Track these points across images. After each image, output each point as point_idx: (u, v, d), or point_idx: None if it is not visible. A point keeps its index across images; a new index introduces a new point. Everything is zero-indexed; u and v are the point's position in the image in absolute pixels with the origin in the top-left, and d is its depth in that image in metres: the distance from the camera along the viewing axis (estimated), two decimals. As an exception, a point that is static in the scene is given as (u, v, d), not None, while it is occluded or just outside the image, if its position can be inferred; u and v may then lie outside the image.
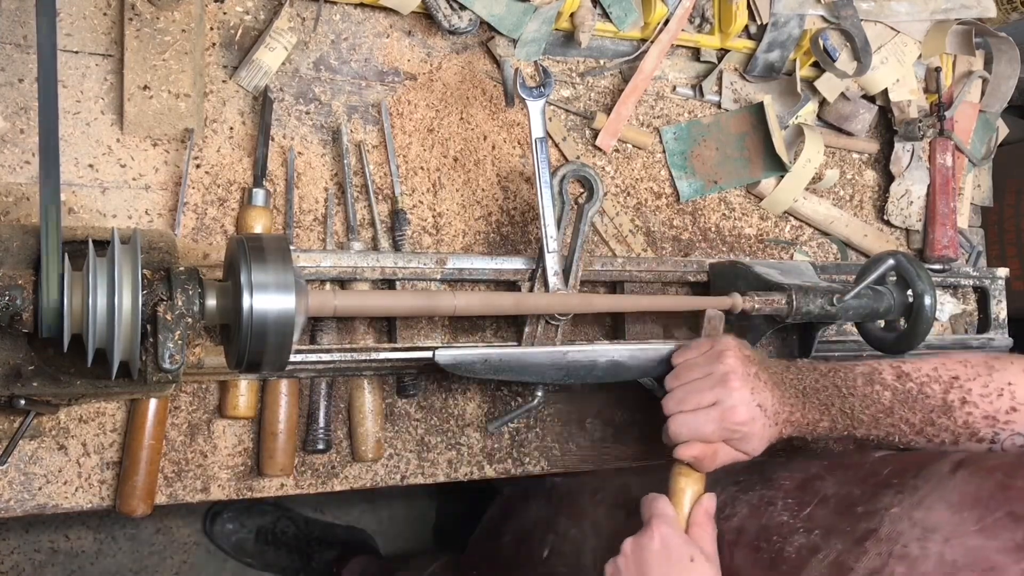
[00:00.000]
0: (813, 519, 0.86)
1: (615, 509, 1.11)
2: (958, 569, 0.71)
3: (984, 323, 1.39)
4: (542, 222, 1.01)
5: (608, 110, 1.22)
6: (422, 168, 1.14)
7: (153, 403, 0.98)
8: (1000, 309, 1.38)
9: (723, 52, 1.27)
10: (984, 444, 0.92)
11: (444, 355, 0.96)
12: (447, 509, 2.15)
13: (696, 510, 0.91)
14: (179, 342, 0.77)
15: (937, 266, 1.35)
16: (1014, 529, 0.71)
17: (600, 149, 1.23)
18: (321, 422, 1.06)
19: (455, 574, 1.61)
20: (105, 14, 1.00)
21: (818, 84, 1.29)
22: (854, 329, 1.18)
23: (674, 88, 1.28)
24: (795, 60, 1.27)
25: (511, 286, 1.10)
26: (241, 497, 1.04)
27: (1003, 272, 1.38)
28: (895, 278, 1.09)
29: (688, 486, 0.93)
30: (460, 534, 1.88)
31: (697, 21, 1.24)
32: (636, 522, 0.90)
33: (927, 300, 1.05)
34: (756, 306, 1.03)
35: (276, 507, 2.01)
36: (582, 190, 1.07)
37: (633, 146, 1.25)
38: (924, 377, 0.95)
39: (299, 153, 1.08)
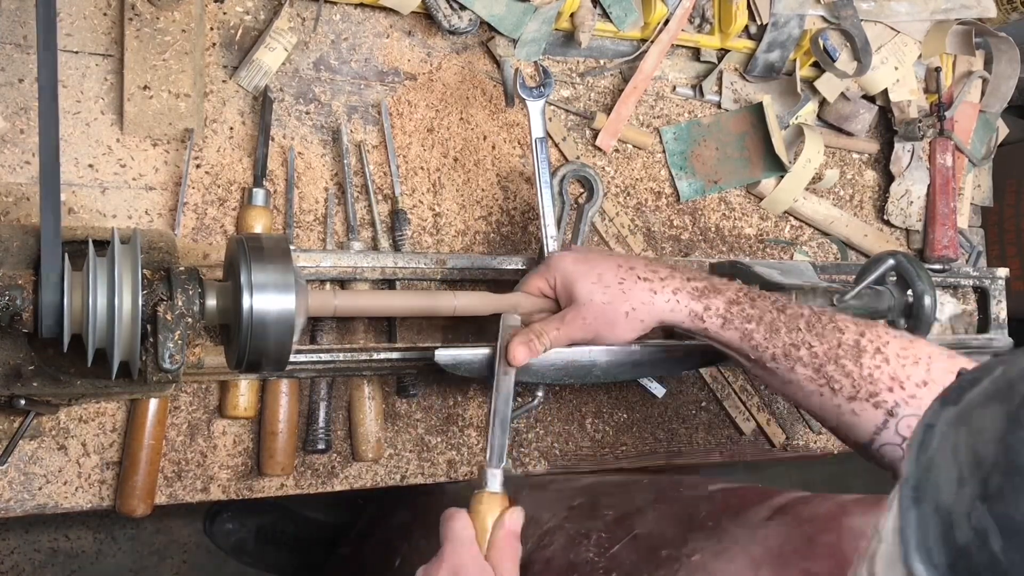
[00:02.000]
0: (616, 559, 0.80)
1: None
2: None
3: (984, 323, 1.39)
4: (542, 222, 1.01)
5: (608, 110, 1.22)
6: (422, 168, 1.14)
7: (153, 403, 0.98)
8: (1000, 309, 1.38)
9: (723, 52, 1.27)
10: (879, 416, 0.82)
11: (444, 355, 0.96)
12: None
13: (496, 530, 0.80)
14: (179, 342, 0.77)
15: (937, 266, 1.35)
16: None
17: (600, 149, 1.23)
18: (321, 422, 1.06)
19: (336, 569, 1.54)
20: (105, 14, 1.00)
21: (818, 84, 1.29)
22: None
23: (674, 88, 1.28)
24: (795, 60, 1.27)
25: (511, 286, 1.10)
26: (241, 497, 1.04)
27: (1003, 272, 1.38)
28: (895, 278, 1.09)
29: (490, 500, 0.83)
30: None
31: (697, 21, 1.24)
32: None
33: (927, 300, 1.05)
34: (756, 306, 1.03)
35: (276, 507, 2.01)
36: (582, 190, 1.07)
37: (633, 146, 1.25)
38: (846, 318, 0.87)
39: (299, 153, 1.08)
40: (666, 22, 1.20)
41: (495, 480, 0.84)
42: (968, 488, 0.38)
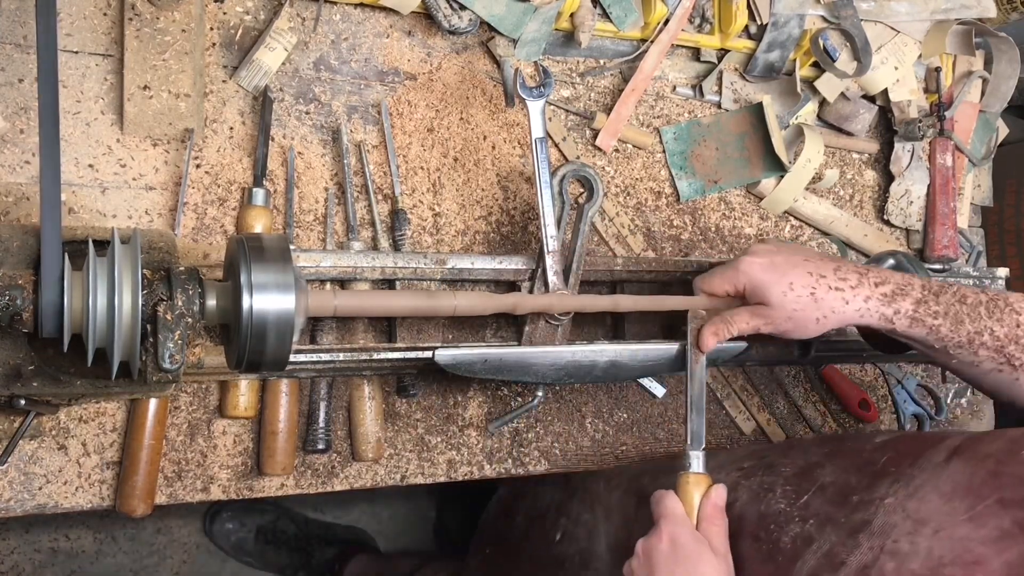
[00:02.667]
0: (809, 507, 0.86)
1: (627, 495, 1.10)
2: (943, 565, 0.71)
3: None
4: (542, 222, 1.01)
5: (608, 110, 1.22)
6: (422, 168, 1.14)
7: (153, 403, 0.98)
8: (1000, 309, 1.38)
9: (723, 52, 1.27)
10: None
11: (444, 355, 0.96)
12: (447, 508, 2.15)
13: (704, 504, 0.90)
14: (179, 342, 0.77)
15: (937, 266, 1.34)
16: (1001, 516, 0.71)
17: (600, 149, 1.23)
18: (321, 422, 1.06)
19: (455, 564, 1.60)
20: (105, 14, 1.00)
21: (818, 84, 1.29)
22: (854, 329, 1.18)
23: (674, 88, 1.28)
24: (795, 60, 1.27)
25: (511, 286, 1.10)
26: (241, 497, 1.05)
27: (1003, 272, 1.38)
28: (895, 278, 1.09)
29: (696, 480, 0.92)
30: (461, 534, 1.88)
31: (697, 21, 1.24)
32: (646, 511, 0.90)
33: (927, 300, 1.05)
34: (756, 306, 1.03)
35: (276, 506, 2.01)
36: (582, 190, 1.07)
37: (633, 146, 1.25)
38: (1020, 299, 0.94)
39: (299, 153, 1.08)
40: (666, 22, 1.20)
41: (697, 461, 0.92)
42: None
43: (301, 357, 0.98)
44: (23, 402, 0.86)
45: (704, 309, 1.01)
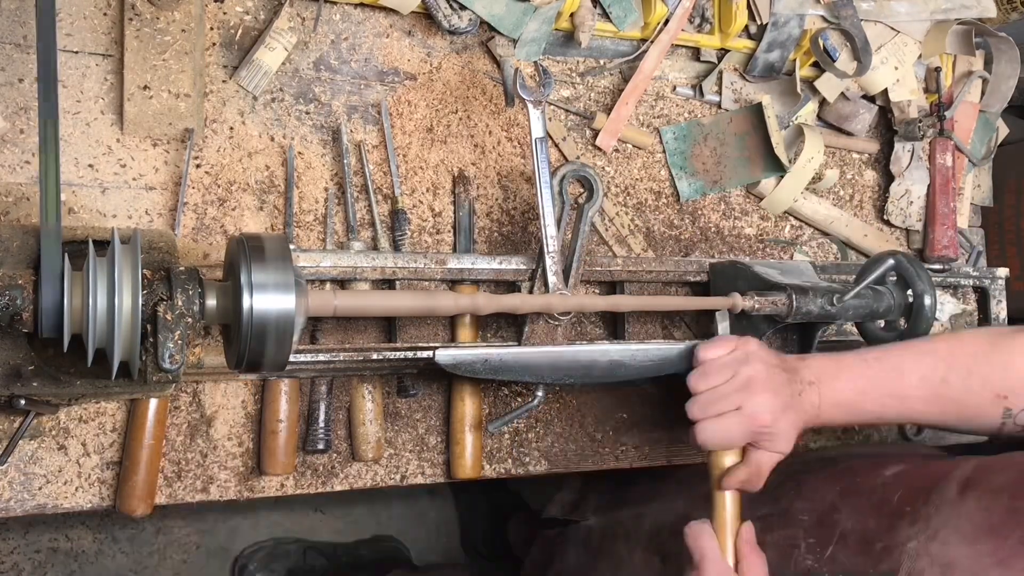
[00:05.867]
0: (836, 561, 0.85)
1: (649, 556, 1.10)
2: None
3: (984, 323, 1.39)
4: (542, 222, 1.01)
5: (608, 110, 1.22)
6: (421, 168, 1.14)
7: (153, 403, 0.98)
8: (1000, 309, 1.38)
9: (723, 52, 1.27)
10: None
11: (444, 355, 0.96)
12: (469, 518, 2.12)
13: (740, 544, 0.88)
14: (179, 342, 0.77)
15: (937, 266, 1.34)
16: None
17: (600, 149, 1.23)
18: (321, 422, 1.06)
19: None
20: (105, 14, 1.00)
21: (818, 84, 1.29)
22: (854, 329, 1.18)
23: (674, 88, 1.28)
24: (795, 60, 1.27)
25: (511, 286, 1.10)
26: (241, 497, 1.04)
27: (1003, 272, 1.38)
28: (895, 278, 1.09)
29: (728, 518, 0.90)
30: (486, 544, 1.88)
31: (697, 21, 1.24)
32: (672, 569, 0.89)
33: (927, 300, 1.05)
34: (756, 306, 1.03)
35: (299, 542, 1.98)
36: (582, 190, 1.07)
37: (633, 146, 1.25)
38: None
39: (299, 153, 1.08)
40: (666, 22, 1.20)
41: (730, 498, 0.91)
42: None
43: (301, 357, 0.98)
44: (23, 402, 0.86)
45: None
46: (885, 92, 1.33)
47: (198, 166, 1.03)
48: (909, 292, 1.08)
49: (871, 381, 0.93)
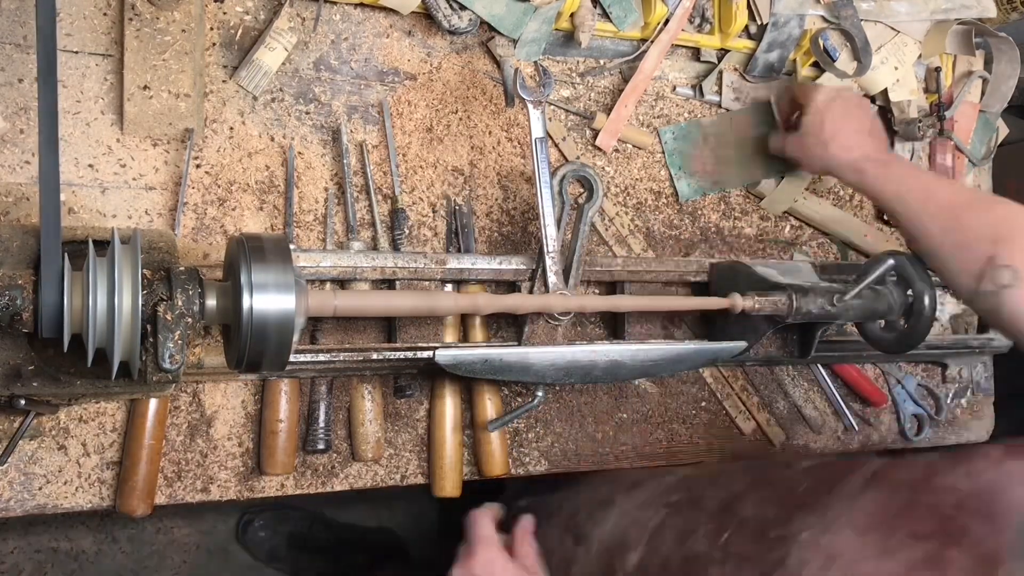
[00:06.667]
0: (729, 547, 0.85)
1: (564, 534, 1.10)
2: None
3: (984, 323, 1.39)
4: (542, 222, 1.01)
5: (608, 110, 1.22)
6: (421, 167, 1.14)
7: (153, 403, 0.98)
8: (1000, 309, 1.38)
9: (723, 52, 1.27)
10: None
11: (444, 355, 0.96)
12: (447, 516, 2.13)
13: (515, 529, 0.97)
14: (179, 342, 0.77)
15: (937, 266, 1.34)
16: (913, 548, 0.70)
17: (600, 149, 1.23)
18: (321, 422, 1.06)
19: None
20: (105, 14, 1.00)
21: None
22: (854, 329, 1.18)
23: (674, 88, 1.28)
24: (795, 60, 1.27)
25: (511, 286, 1.10)
26: (241, 498, 1.04)
27: (1003, 272, 1.38)
28: (895, 278, 1.09)
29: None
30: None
31: (697, 21, 1.24)
32: (582, 548, 0.92)
33: (927, 300, 1.05)
34: (756, 306, 1.03)
35: (308, 512, 2.00)
36: (582, 190, 1.07)
37: (633, 146, 1.25)
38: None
39: (299, 153, 1.08)
40: (666, 22, 1.20)
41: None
42: None
43: (301, 357, 0.98)
44: (23, 402, 0.86)
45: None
46: (885, 92, 1.33)
47: (198, 166, 1.03)
48: (909, 292, 1.08)
49: (910, 178, 1.07)
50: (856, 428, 1.34)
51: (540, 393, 1.08)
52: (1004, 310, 0.94)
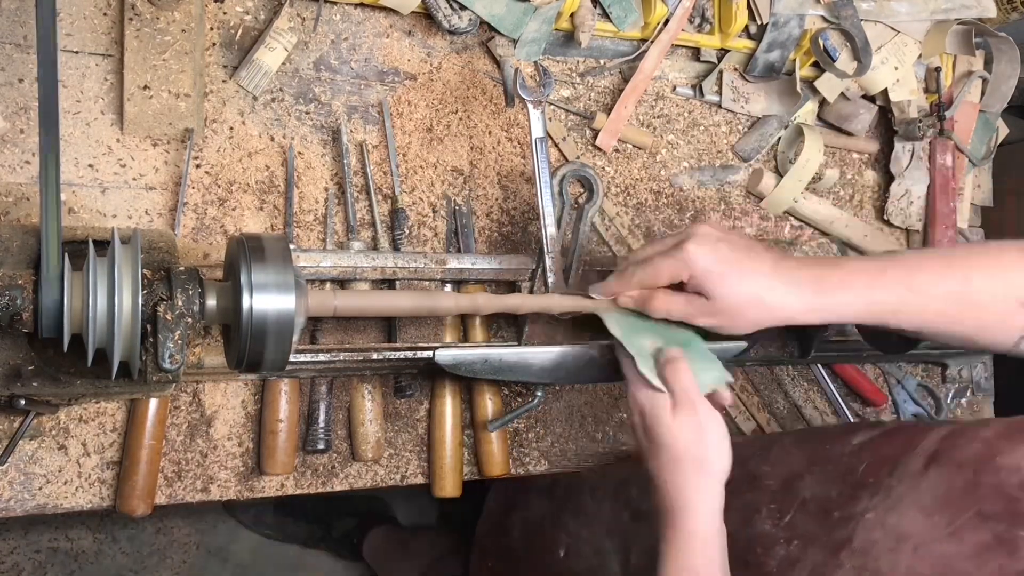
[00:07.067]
0: (793, 527, 0.85)
1: (618, 507, 1.10)
2: None
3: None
4: (542, 222, 1.01)
5: (608, 110, 1.22)
6: (421, 167, 1.14)
7: (153, 403, 0.98)
8: (1000, 309, 1.38)
9: (723, 52, 1.27)
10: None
11: (444, 355, 0.96)
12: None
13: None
14: (179, 342, 0.77)
15: (937, 266, 1.34)
16: (981, 529, 0.71)
17: (600, 149, 1.23)
18: (321, 422, 1.06)
19: (466, 558, 1.60)
20: (105, 14, 1.00)
21: (818, 84, 1.29)
22: (854, 329, 1.18)
23: (674, 88, 1.28)
24: (795, 60, 1.27)
25: (511, 286, 1.10)
26: (241, 498, 1.05)
27: (1003, 272, 1.38)
28: (895, 278, 1.09)
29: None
30: (462, 516, 1.88)
31: (697, 21, 1.24)
32: (643, 527, 0.90)
33: (927, 300, 1.05)
34: (756, 306, 1.03)
35: None
36: (582, 190, 1.07)
37: (633, 146, 1.25)
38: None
39: (299, 153, 1.08)
40: (666, 22, 1.20)
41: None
42: None
43: (301, 357, 0.98)
44: (23, 402, 0.86)
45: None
46: (885, 92, 1.33)
47: (198, 166, 1.03)
48: (909, 292, 1.07)
49: (885, 272, 0.87)
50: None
51: (540, 393, 1.08)
52: None
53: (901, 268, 0.88)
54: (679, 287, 0.90)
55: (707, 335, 0.92)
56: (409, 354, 1.01)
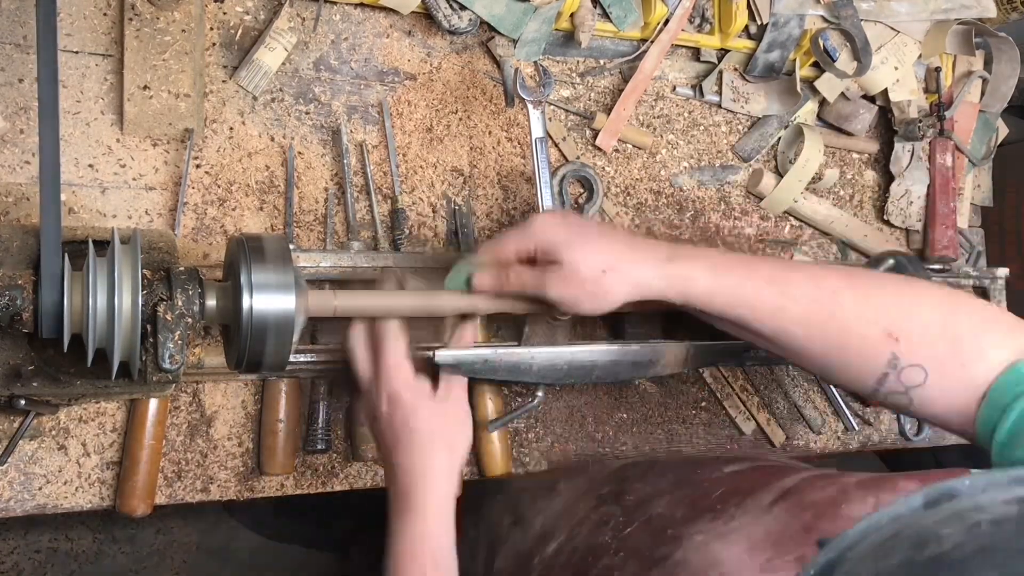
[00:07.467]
0: (627, 540, 0.83)
1: (505, 513, 1.09)
2: None
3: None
4: (542, 222, 1.01)
5: (608, 110, 1.22)
6: (421, 167, 1.14)
7: (153, 403, 0.98)
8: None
9: (723, 52, 1.27)
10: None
11: (444, 355, 0.96)
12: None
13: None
14: (179, 342, 0.77)
15: (937, 266, 1.34)
16: (793, 572, 0.68)
17: (600, 149, 1.23)
18: (321, 422, 1.06)
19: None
20: (105, 14, 1.00)
21: (818, 84, 1.29)
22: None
23: (674, 88, 1.28)
24: (795, 60, 1.27)
25: (511, 286, 1.10)
26: (241, 498, 1.04)
27: (1003, 272, 1.38)
28: (895, 278, 1.09)
29: None
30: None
31: (697, 21, 1.24)
32: (519, 531, 0.91)
33: (927, 300, 1.05)
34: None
35: None
36: (582, 190, 1.07)
37: (633, 146, 1.25)
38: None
39: (299, 153, 1.08)
40: (666, 22, 1.20)
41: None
42: None
43: (301, 357, 0.98)
44: (23, 402, 0.86)
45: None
46: (885, 92, 1.33)
47: (198, 166, 1.03)
48: (909, 292, 1.07)
49: (750, 264, 0.84)
50: (856, 428, 1.34)
51: (540, 393, 1.08)
52: (914, 406, 0.81)
53: (771, 265, 0.86)
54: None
55: None
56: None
